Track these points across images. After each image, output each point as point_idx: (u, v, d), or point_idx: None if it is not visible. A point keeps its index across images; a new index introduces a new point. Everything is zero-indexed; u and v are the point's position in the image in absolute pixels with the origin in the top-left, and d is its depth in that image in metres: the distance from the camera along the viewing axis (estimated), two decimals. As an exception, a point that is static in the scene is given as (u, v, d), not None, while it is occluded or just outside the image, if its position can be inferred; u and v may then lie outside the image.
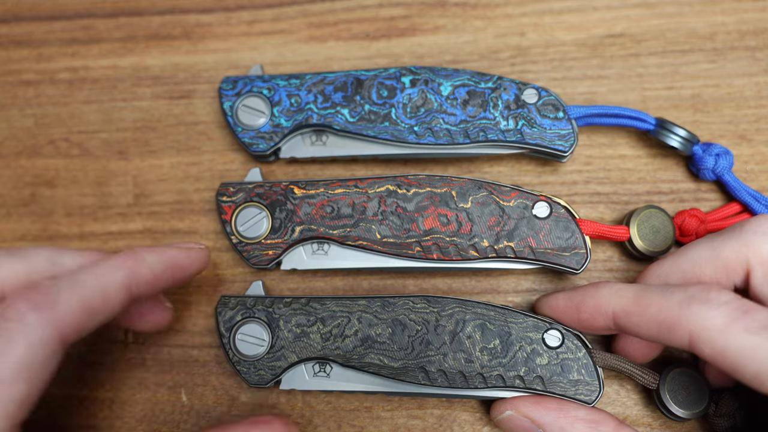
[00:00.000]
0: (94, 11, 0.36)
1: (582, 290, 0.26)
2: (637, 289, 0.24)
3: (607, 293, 0.25)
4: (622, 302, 0.24)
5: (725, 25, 0.33)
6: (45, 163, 0.34)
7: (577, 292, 0.26)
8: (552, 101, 0.30)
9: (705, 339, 0.21)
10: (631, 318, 0.23)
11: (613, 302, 0.24)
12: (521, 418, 0.26)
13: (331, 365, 0.29)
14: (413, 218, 0.30)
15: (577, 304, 0.26)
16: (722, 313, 0.21)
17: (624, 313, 0.24)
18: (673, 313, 0.22)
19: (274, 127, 0.31)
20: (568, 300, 0.26)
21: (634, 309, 0.23)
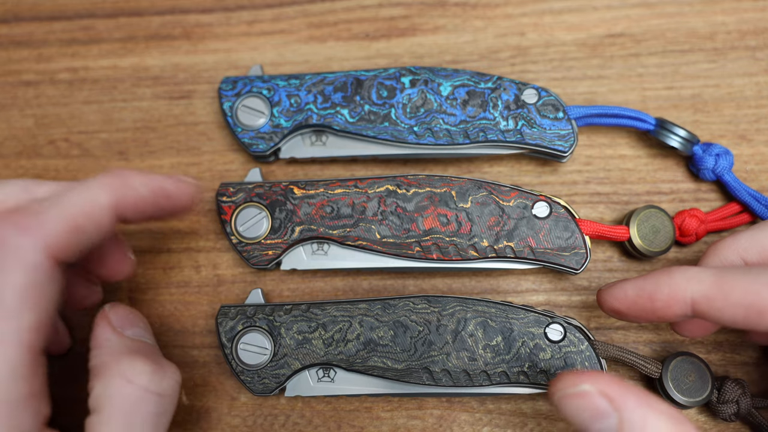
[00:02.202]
0: (94, 11, 0.36)
1: (653, 278, 0.24)
2: (716, 273, 0.22)
3: (683, 279, 0.23)
4: (703, 288, 0.22)
5: (725, 24, 0.33)
6: (45, 163, 0.34)
7: (647, 281, 0.24)
8: (552, 101, 0.30)
9: None
10: (714, 303, 0.22)
11: (692, 288, 0.22)
12: (598, 396, 0.21)
13: (335, 370, 0.29)
14: (413, 218, 0.30)
15: (650, 293, 0.23)
16: None
17: (705, 299, 0.22)
18: (763, 296, 0.20)
19: (274, 127, 0.31)
20: (638, 290, 0.24)
21: (716, 294, 0.22)
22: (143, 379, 0.22)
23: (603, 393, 0.21)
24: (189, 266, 0.32)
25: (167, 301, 0.32)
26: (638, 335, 0.30)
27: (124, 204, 0.23)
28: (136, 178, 0.24)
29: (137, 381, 0.22)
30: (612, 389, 0.21)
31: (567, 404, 0.22)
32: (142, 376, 0.22)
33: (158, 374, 0.23)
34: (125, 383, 0.22)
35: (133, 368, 0.22)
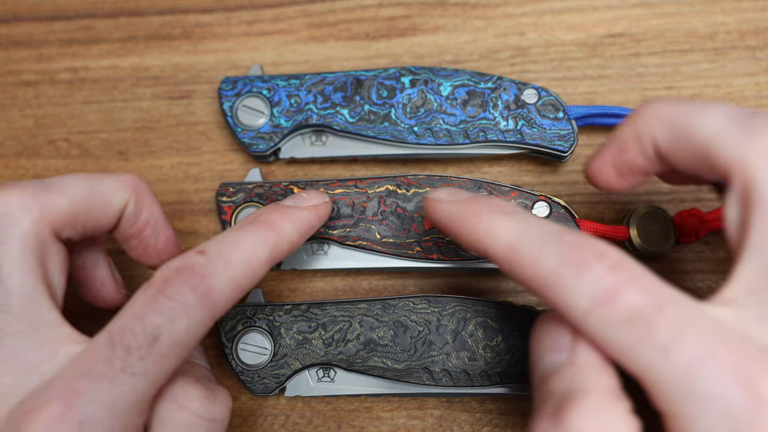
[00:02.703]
0: (94, 11, 0.36)
1: (463, 213, 0.22)
2: (512, 237, 0.20)
3: (485, 229, 0.21)
4: (497, 251, 0.20)
5: (725, 24, 0.33)
6: (45, 163, 0.34)
7: (459, 213, 0.22)
8: (552, 101, 0.30)
9: (572, 318, 0.19)
10: (506, 269, 0.20)
11: (489, 247, 0.21)
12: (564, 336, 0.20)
13: (335, 370, 0.29)
14: (413, 218, 0.30)
15: (456, 228, 0.22)
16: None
17: (498, 263, 0.20)
18: (544, 283, 0.19)
19: (274, 127, 0.31)
20: (450, 218, 0.23)
21: (508, 262, 0.20)
22: (195, 404, 0.22)
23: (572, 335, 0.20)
24: (189, 266, 0.32)
25: (167, 301, 0.32)
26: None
27: (278, 256, 0.24)
28: (287, 224, 0.24)
29: (189, 405, 0.22)
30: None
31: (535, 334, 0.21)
32: (194, 401, 0.22)
33: (209, 399, 0.23)
34: (178, 408, 0.22)
35: (185, 393, 0.22)
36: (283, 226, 0.24)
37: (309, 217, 0.26)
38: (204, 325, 0.21)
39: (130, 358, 0.20)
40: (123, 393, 0.19)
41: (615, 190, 0.24)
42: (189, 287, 0.21)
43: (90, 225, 0.24)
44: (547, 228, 0.20)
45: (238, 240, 0.23)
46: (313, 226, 0.26)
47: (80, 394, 0.19)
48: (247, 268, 0.22)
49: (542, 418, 0.18)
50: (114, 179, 0.24)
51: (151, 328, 0.20)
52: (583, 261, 0.18)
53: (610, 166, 0.23)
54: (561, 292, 0.18)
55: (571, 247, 0.19)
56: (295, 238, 0.25)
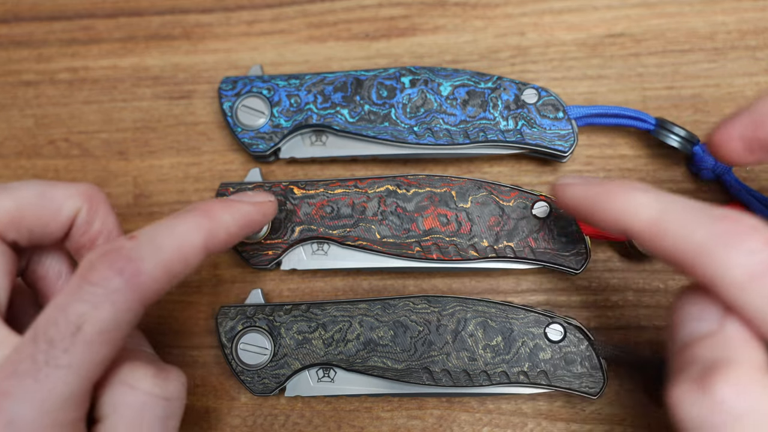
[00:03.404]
0: (94, 11, 0.36)
1: (600, 192, 0.22)
2: (657, 212, 0.20)
3: (622, 207, 0.21)
4: (639, 225, 0.20)
5: (726, 24, 0.33)
6: (45, 163, 0.34)
7: (595, 193, 0.22)
8: (552, 101, 0.30)
9: (723, 292, 0.19)
10: (648, 244, 0.20)
11: (628, 222, 0.21)
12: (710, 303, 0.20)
13: (335, 370, 0.29)
14: (413, 218, 0.30)
15: (591, 207, 0.22)
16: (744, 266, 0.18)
17: (639, 237, 0.20)
18: (692, 255, 0.19)
19: (274, 127, 0.31)
20: (584, 199, 0.22)
21: (651, 236, 0.20)
22: (146, 384, 0.22)
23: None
24: (189, 266, 0.32)
25: (167, 302, 0.32)
26: (638, 335, 0.30)
27: (214, 244, 0.23)
28: (225, 214, 0.24)
29: (140, 386, 0.22)
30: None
31: (682, 297, 0.20)
32: (144, 380, 0.22)
33: (161, 377, 0.22)
34: (128, 389, 0.21)
35: (133, 374, 0.22)
36: (220, 215, 0.24)
37: (249, 210, 0.25)
38: (132, 311, 0.21)
39: (53, 351, 0.19)
40: (51, 388, 0.19)
41: (737, 164, 0.23)
42: (113, 271, 0.20)
43: (38, 230, 0.24)
44: (691, 202, 0.20)
45: (171, 225, 0.23)
46: (254, 220, 0.26)
47: (7, 393, 0.19)
48: (179, 252, 0.22)
49: (685, 382, 0.18)
50: (67, 187, 0.24)
51: (75, 317, 0.19)
52: (738, 233, 0.18)
53: (738, 139, 0.22)
54: (713, 264, 0.18)
55: (721, 220, 0.19)
56: (233, 228, 0.24)
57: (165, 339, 0.31)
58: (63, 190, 0.24)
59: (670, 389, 0.18)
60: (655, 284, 0.30)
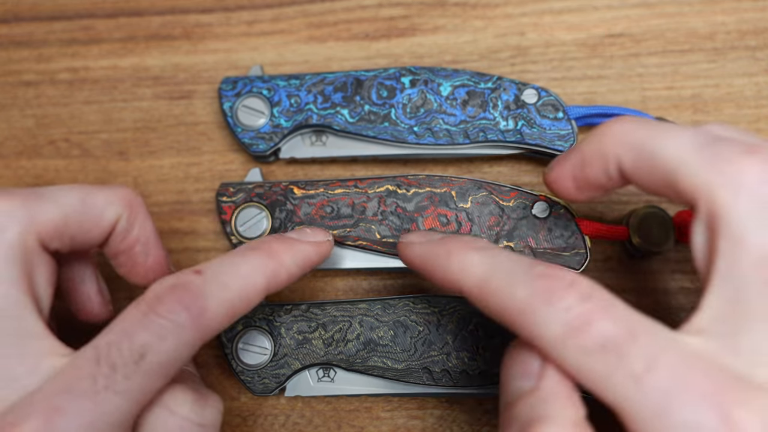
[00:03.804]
0: (94, 11, 0.36)
1: (436, 252, 0.22)
2: (484, 271, 0.20)
3: (457, 267, 0.21)
4: (469, 285, 0.21)
5: (725, 24, 0.33)
6: (45, 163, 0.34)
7: (432, 254, 0.23)
8: (552, 101, 0.30)
9: (543, 348, 0.19)
10: (479, 304, 0.21)
11: (462, 283, 0.21)
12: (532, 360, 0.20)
13: (335, 370, 0.29)
14: (413, 218, 0.30)
15: (431, 268, 0.23)
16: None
17: (470, 297, 0.21)
18: (515, 314, 0.19)
19: (274, 127, 0.31)
20: (422, 259, 0.23)
21: (479, 296, 0.20)
22: (185, 409, 0.22)
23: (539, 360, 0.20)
24: (189, 266, 0.32)
25: (167, 301, 0.32)
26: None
27: (275, 285, 0.24)
28: (288, 256, 0.24)
29: (179, 411, 0.22)
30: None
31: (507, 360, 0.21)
32: (184, 406, 0.22)
33: (199, 404, 0.22)
34: (167, 414, 0.21)
35: (175, 399, 0.22)
36: (283, 257, 0.24)
37: (309, 252, 0.26)
38: (193, 347, 0.21)
39: (115, 375, 0.19)
40: (104, 412, 0.19)
41: (572, 201, 0.24)
42: (181, 306, 0.20)
43: (79, 238, 0.24)
44: (517, 260, 0.20)
45: (236, 263, 0.23)
46: (313, 261, 0.26)
47: (61, 410, 0.19)
48: (243, 292, 0.22)
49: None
50: (108, 192, 0.24)
51: (139, 346, 0.20)
52: (554, 291, 0.18)
53: (569, 179, 0.23)
54: (533, 322, 0.18)
55: (541, 278, 0.19)
56: (294, 270, 0.25)
57: (165, 339, 0.31)
58: (104, 196, 0.24)
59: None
60: (655, 284, 0.30)
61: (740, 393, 0.16)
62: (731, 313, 0.18)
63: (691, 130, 0.20)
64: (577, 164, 0.23)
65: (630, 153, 0.21)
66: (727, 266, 0.18)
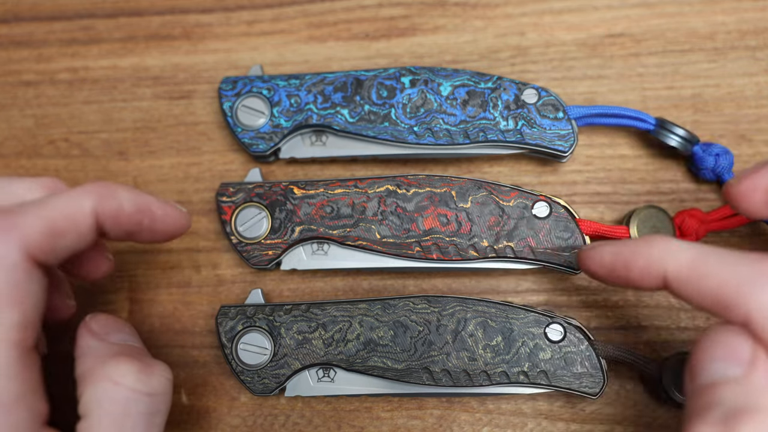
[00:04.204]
0: (94, 11, 0.36)
1: (632, 246, 0.23)
2: (695, 254, 0.21)
3: (660, 253, 0.22)
4: (678, 268, 0.21)
5: (725, 24, 0.33)
6: (45, 163, 0.34)
7: (626, 247, 0.23)
8: (552, 101, 0.30)
9: (760, 332, 0.19)
10: (686, 287, 0.21)
11: (667, 266, 0.21)
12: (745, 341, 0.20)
13: (335, 370, 0.29)
14: (413, 218, 0.30)
15: (626, 261, 0.23)
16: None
17: (677, 280, 0.21)
18: (732, 290, 0.19)
19: (274, 127, 0.31)
20: (615, 255, 0.23)
21: (689, 277, 0.21)
22: (129, 379, 0.22)
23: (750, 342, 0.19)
24: (189, 266, 0.32)
25: (167, 301, 0.32)
26: (638, 336, 0.30)
27: (106, 213, 0.23)
28: (123, 191, 0.24)
29: (124, 382, 0.22)
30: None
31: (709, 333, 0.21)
32: (128, 376, 0.22)
33: (145, 373, 0.22)
34: (112, 385, 0.21)
35: (118, 369, 0.22)
36: (117, 189, 0.23)
37: (150, 200, 0.25)
38: (22, 267, 0.21)
39: None
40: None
41: (759, 218, 0.23)
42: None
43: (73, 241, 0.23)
44: (723, 248, 0.21)
45: (66, 190, 0.22)
46: (153, 210, 0.25)
47: None
48: (65, 210, 0.22)
49: (707, 423, 0.18)
50: (74, 189, 0.23)
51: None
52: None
53: (763, 191, 0.22)
54: (752, 304, 0.19)
55: (761, 261, 0.19)
56: (128, 205, 0.23)
57: (165, 339, 0.31)
58: (76, 192, 0.23)
59: (688, 428, 0.18)
60: (655, 284, 0.30)
61: None
62: None
63: None
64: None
65: None
66: None
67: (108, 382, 0.21)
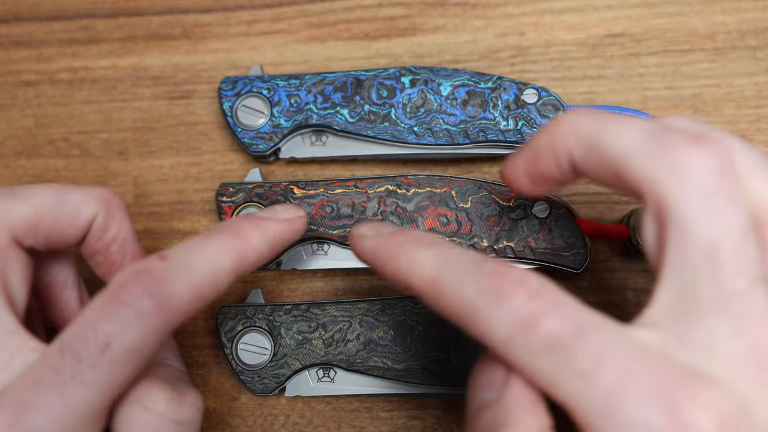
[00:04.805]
0: (94, 11, 0.36)
1: (394, 243, 0.22)
2: (438, 267, 0.20)
3: (408, 262, 0.21)
4: (420, 281, 0.20)
5: (726, 24, 0.33)
6: (45, 163, 0.34)
7: (388, 243, 0.22)
8: (552, 101, 0.30)
9: (494, 348, 0.19)
10: (431, 301, 0.20)
11: (413, 276, 0.20)
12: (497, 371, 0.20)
13: (335, 370, 0.29)
14: (413, 218, 0.30)
15: (383, 258, 0.22)
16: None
17: (423, 292, 0.20)
18: (473, 311, 0.19)
19: (274, 127, 0.31)
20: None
21: (432, 292, 0.20)
22: (161, 406, 0.21)
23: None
24: (189, 266, 0.32)
25: (167, 301, 0.32)
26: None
27: (244, 266, 0.23)
28: (256, 235, 0.24)
29: (154, 408, 0.21)
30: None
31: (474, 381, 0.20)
32: (159, 402, 0.21)
33: (177, 401, 0.22)
34: (142, 410, 0.21)
35: (150, 395, 0.21)
36: (251, 236, 0.23)
37: (280, 230, 0.25)
38: (160, 333, 0.20)
39: (80, 366, 0.19)
40: (73, 403, 0.19)
41: (530, 195, 0.25)
42: (144, 292, 0.20)
43: (55, 236, 0.23)
44: (467, 258, 0.20)
45: (202, 247, 0.22)
46: (285, 239, 0.25)
47: (29, 404, 0.19)
48: (209, 275, 0.22)
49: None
50: (83, 192, 0.24)
51: (103, 336, 0.19)
52: (502, 289, 0.18)
53: (523, 174, 0.23)
54: (481, 321, 0.18)
55: (489, 276, 0.19)
56: (264, 249, 0.24)
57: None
58: (79, 195, 0.24)
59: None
60: (655, 284, 0.30)
61: (691, 387, 0.16)
62: (682, 305, 0.18)
63: (642, 122, 0.19)
64: (529, 159, 0.22)
65: (580, 146, 0.20)
66: (676, 258, 0.18)
67: (139, 406, 0.21)
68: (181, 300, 0.21)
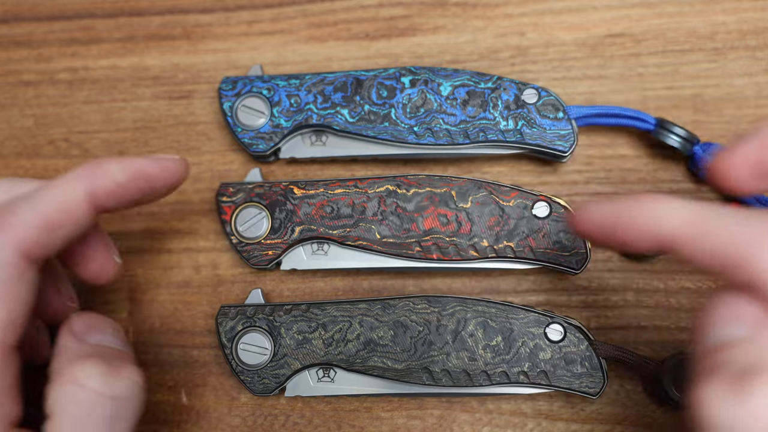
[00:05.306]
0: (94, 11, 0.36)
1: (628, 203, 0.21)
2: (696, 211, 0.19)
3: (657, 212, 0.20)
4: (678, 226, 0.20)
5: (726, 24, 0.33)
6: (45, 163, 0.34)
7: (621, 205, 0.21)
8: (552, 101, 0.30)
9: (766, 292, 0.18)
10: (688, 247, 0.19)
11: (666, 225, 0.20)
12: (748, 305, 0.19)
13: (335, 370, 0.29)
14: (413, 218, 0.30)
15: (620, 219, 0.21)
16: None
17: (679, 240, 0.20)
18: (743, 249, 0.18)
19: (274, 127, 0.31)
20: (608, 214, 0.21)
21: (692, 236, 0.19)
22: (94, 382, 0.21)
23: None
24: (189, 266, 0.32)
25: (167, 301, 0.32)
26: (638, 335, 0.30)
27: (101, 193, 0.23)
28: (112, 164, 0.23)
29: (88, 384, 0.21)
30: None
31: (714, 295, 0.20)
32: (92, 378, 0.21)
33: (111, 376, 0.22)
34: (76, 387, 0.21)
35: (83, 371, 0.21)
36: (106, 165, 0.23)
37: (143, 163, 0.24)
38: (14, 266, 0.21)
39: None
40: None
41: (738, 193, 0.22)
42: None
43: (73, 230, 0.23)
44: (722, 207, 0.19)
45: (52, 181, 0.22)
46: (149, 174, 0.24)
47: None
48: (58, 201, 0.22)
49: (717, 383, 0.17)
50: (65, 177, 0.23)
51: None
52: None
53: (745, 165, 0.21)
54: (757, 264, 0.18)
55: (765, 221, 0.18)
56: (120, 176, 0.23)
57: (165, 339, 0.31)
58: (66, 180, 0.23)
59: (696, 389, 0.18)
60: (655, 284, 0.30)
61: None
62: None
63: None
64: (755, 149, 0.21)
65: None
66: None
67: (73, 383, 0.21)
68: (26, 227, 0.21)
